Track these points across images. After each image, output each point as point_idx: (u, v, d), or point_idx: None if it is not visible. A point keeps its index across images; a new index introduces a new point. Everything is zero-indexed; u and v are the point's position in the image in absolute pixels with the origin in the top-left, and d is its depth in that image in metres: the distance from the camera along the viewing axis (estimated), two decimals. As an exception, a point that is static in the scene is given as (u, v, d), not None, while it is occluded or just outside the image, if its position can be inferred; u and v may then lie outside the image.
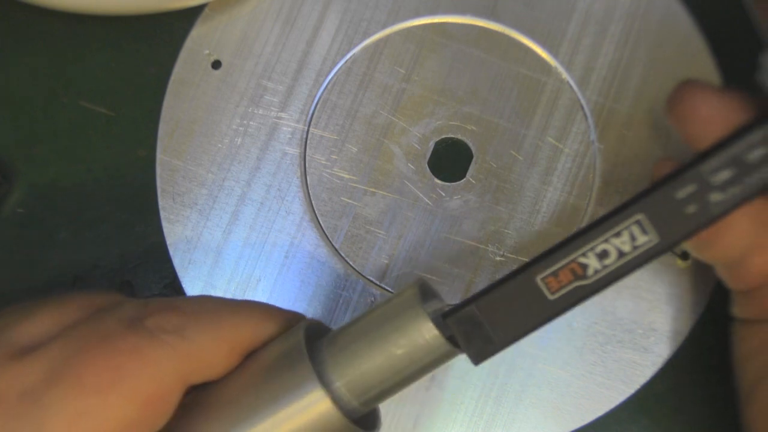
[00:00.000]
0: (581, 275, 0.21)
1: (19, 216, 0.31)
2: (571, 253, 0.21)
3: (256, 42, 0.32)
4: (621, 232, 0.21)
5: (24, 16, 0.32)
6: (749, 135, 0.20)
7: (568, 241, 0.21)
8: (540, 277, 0.21)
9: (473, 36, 0.32)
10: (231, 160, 0.31)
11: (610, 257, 0.21)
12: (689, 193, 0.21)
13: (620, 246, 0.21)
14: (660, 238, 0.21)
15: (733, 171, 0.20)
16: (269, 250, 0.30)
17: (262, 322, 0.24)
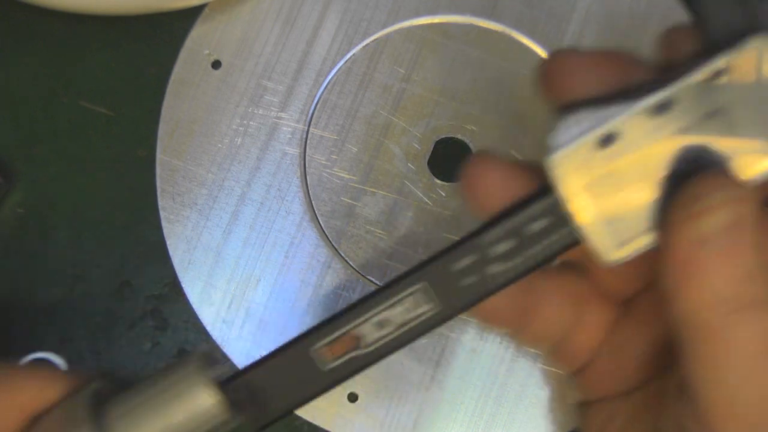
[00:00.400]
0: (357, 346, 0.21)
1: (19, 216, 0.31)
2: (347, 324, 0.21)
3: (256, 42, 0.32)
4: (401, 302, 0.21)
5: (24, 16, 0.32)
6: (529, 208, 0.20)
7: (347, 310, 0.21)
8: (314, 348, 0.21)
9: (473, 36, 0.32)
10: (231, 160, 0.31)
11: (389, 326, 0.21)
12: (468, 264, 0.20)
13: (399, 315, 0.21)
14: (440, 308, 0.21)
15: (513, 243, 0.20)
16: (269, 250, 0.30)
17: (44, 385, 0.23)
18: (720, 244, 0.19)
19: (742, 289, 0.19)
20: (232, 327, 0.30)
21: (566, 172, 0.19)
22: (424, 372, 0.29)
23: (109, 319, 0.30)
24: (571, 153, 0.19)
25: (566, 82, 0.21)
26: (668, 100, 0.19)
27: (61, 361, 0.30)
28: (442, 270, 0.21)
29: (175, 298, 0.30)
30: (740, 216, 0.19)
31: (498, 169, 0.21)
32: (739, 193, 0.19)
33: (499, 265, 0.20)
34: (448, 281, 0.21)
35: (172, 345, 0.30)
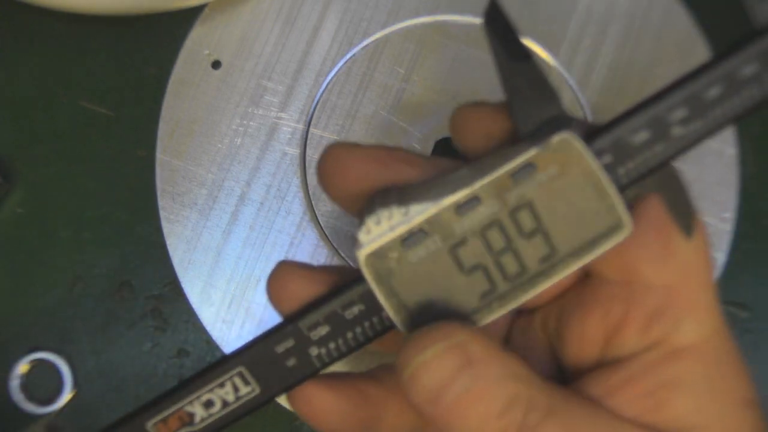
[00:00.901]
0: (189, 422, 0.22)
1: (19, 216, 0.31)
2: (179, 402, 0.21)
3: (256, 42, 0.32)
4: (224, 383, 0.21)
5: (24, 16, 0.32)
6: (346, 293, 0.21)
7: (176, 389, 0.22)
8: (151, 423, 0.22)
9: (473, 36, 0.32)
10: (231, 160, 0.31)
11: (215, 406, 0.22)
12: (288, 347, 0.21)
13: (224, 396, 0.21)
14: (261, 389, 0.21)
15: (332, 326, 0.21)
16: (269, 250, 0.30)
17: None
18: (453, 395, 0.19)
19: (505, 423, 0.19)
20: (232, 327, 0.30)
21: (374, 267, 0.20)
22: (424, 372, 0.29)
23: (109, 319, 0.30)
24: (378, 250, 0.20)
25: (339, 178, 0.21)
26: (472, 197, 0.19)
27: (61, 361, 0.30)
28: (261, 354, 0.21)
29: (175, 298, 0.30)
30: (466, 358, 0.19)
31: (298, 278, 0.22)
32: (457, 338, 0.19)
33: (318, 348, 0.21)
34: (267, 364, 0.21)
35: (172, 345, 0.30)
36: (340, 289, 0.21)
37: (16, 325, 0.30)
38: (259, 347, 0.21)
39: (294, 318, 0.21)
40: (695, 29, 0.31)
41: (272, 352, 0.21)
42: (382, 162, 0.21)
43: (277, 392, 0.22)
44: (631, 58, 0.31)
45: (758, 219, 0.32)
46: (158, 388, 0.30)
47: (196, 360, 0.30)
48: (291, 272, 0.22)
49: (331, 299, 0.21)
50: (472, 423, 0.19)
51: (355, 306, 0.21)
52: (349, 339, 0.21)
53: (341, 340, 0.21)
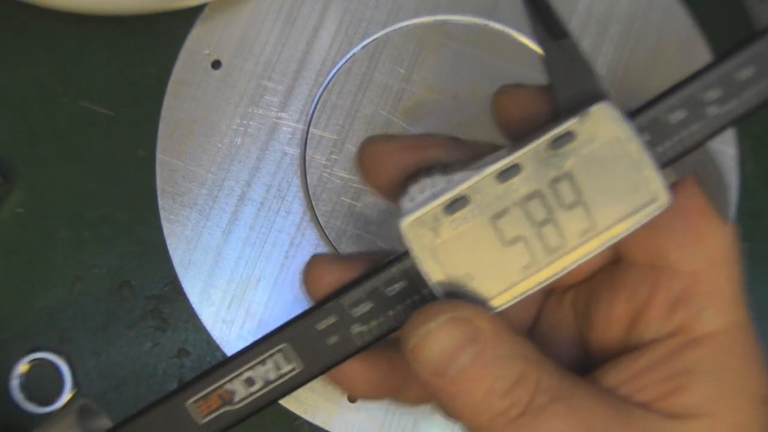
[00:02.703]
0: (228, 401, 0.22)
1: (19, 216, 0.31)
2: (219, 380, 0.21)
3: (256, 42, 0.32)
4: (266, 361, 0.21)
5: (24, 16, 0.32)
6: (388, 269, 0.21)
7: (217, 366, 0.22)
8: (189, 402, 0.22)
9: (473, 36, 0.32)
10: (231, 160, 0.31)
11: (256, 384, 0.21)
12: (330, 324, 0.21)
13: (265, 374, 0.21)
14: (304, 366, 0.21)
15: (374, 304, 0.21)
16: (269, 250, 0.30)
17: None
18: (457, 369, 0.19)
19: (509, 402, 0.19)
20: (232, 327, 0.30)
21: (417, 236, 0.20)
22: (424, 372, 0.29)
23: (109, 319, 0.30)
24: (421, 217, 0.20)
25: (379, 169, 0.22)
26: (513, 165, 0.20)
27: (61, 361, 0.30)
28: (304, 330, 0.21)
29: (175, 298, 0.30)
30: (473, 333, 0.19)
31: (334, 264, 0.22)
32: (462, 312, 0.19)
33: (360, 326, 0.21)
34: (310, 341, 0.21)
35: (172, 345, 0.30)
36: (383, 266, 0.21)
37: (16, 325, 0.30)
38: (301, 324, 0.21)
39: (336, 296, 0.21)
40: (695, 29, 0.31)
41: (314, 329, 0.21)
42: (419, 148, 0.21)
43: (319, 370, 0.21)
44: (631, 58, 0.31)
45: (758, 219, 0.32)
46: (158, 388, 0.30)
47: (196, 360, 0.30)
48: (326, 263, 0.22)
49: (373, 276, 0.21)
50: (476, 399, 0.19)
51: (397, 283, 0.21)
52: (390, 316, 0.21)
53: (383, 318, 0.21)
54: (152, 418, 0.22)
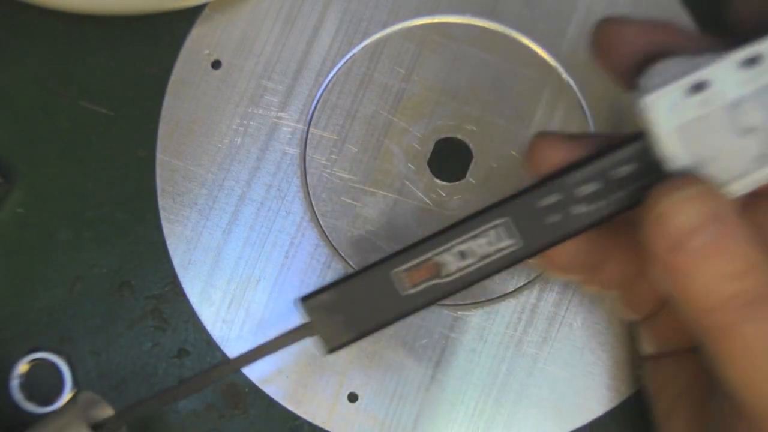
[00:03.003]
0: (438, 274, 0.21)
1: (19, 216, 0.31)
2: (430, 251, 0.21)
3: (256, 42, 0.32)
4: (484, 233, 0.21)
5: (24, 16, 0.32)
6: (618, 151, 0.20)
7: (429, 238, 0.21)
8: (395, 271, 0.21)
9: (473, 36, 0.32)
10: (231, 160, 0.31)
11: (470, 258, 0.21)
12: (553, 203, 0.21)
13: (481, 248, 0.21)
14: (522, 244, 0.21)
15: (599, 185, 0.20)
16: (269, 250, 0.30)
17: None
18: (696, 245, 0.19)
19: (741, 286, 0.19)
20: (232, 327, 0.30)
21: (658, 115, 0.19)
22: (424, 372, 0.29)
23: (109, 319, 0.30)
24: (663, 96, 0.19)
25: (619, 49, 0.21)
26: (758, 54, 0.19)
27: (61, 361, 0.30)
28: (526, 206, 0.21)
29: (175, 298, 0.30)
30: (717, 210, 0.19)
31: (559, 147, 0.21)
32: (708, 187, 0.19)
33: (583, 207, 0.20)
34: (531, 218, 0.21)
35: (172, 345, 0.30)
36: (614, 146, 0.20)
37: (16, 325, 0.30)
38: (524, 199, 0.21)
39: (561, 173, 0.20)
40: (695, 29, 0.31)
41: (536, 205, 0.21)
42: (663, 32, 0.21)
43: (538, 248, 0.21)
44: (631, 58, 0.31)
45: (758, 219, 0.32)
46: (158, 388, 0.30)
47: (196, 360, 0.30)
48: (552, 141, 0.21)
49: (602, 157, 0.20)
50: (707, 279, 0.19)
51: (627, 165, 0.20)
52: (615, 199, 0.20)
53: (607, 200, 0.20)
54: (354, 285, 0.21)
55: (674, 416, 0.25)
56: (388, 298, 0.21)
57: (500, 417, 0.29)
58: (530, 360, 0.29)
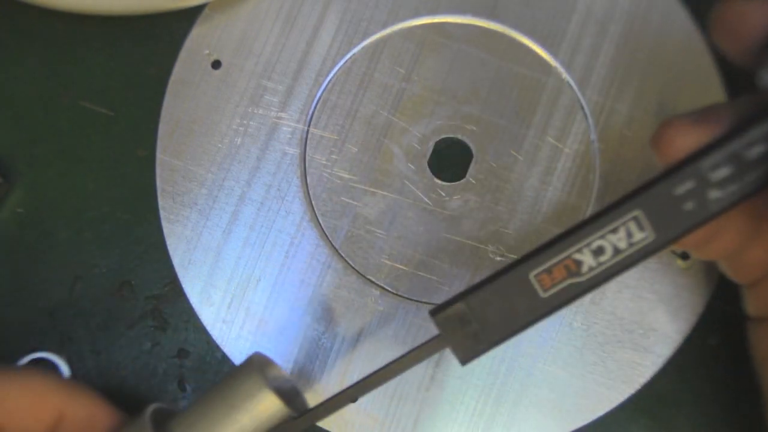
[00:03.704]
0: (575, 272, 0.21)
1: (19, 216, 0.31)
2: (566, 250, 0.20)
3: (256, 42, 0.32)
4: (617, 229, 0.20)
5: (24, 16, 0.32)
6: (750, 131, 0.20)
7: (563, 237, 0.21)
8: (533, 273, 0.21)
9: (473, 36, 0.32)
10: (231, 160, 0.31)
11: (605, 254, 0.20)
12: (688, 190, 0.20)
13: (616, 243, 0.20)
14: (656, 235, 0.20)
15: (733, 168, 0.20)
16: (269, 250, 0.30)
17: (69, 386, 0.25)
18: None
19: None
20: (232, 327, 0.30)
21: None
22: (424, 372, 0.29)
23: (109, 319, 0.30)
24: None
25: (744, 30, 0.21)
26: None
27: (61, 361, 0.30)
28: (661, 196, 0.20)
29: (175, 298, 0.30)
30: None
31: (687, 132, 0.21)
32: None
33: (718, 192, 0.20)
34: (666, 208, 0.20)
35: (172, 345, 0.30)
36: (743, 127, 0.20)
37: (16, 325, 0.30)
38: (657, 189, 0.20)
39: (694, 158, 0.20)
40: (695, 30, 0.31)
41: (670, 195, 0.20)
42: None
43: (672, 238, 0.20)
44: (631, 58, 0.31)
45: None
46: (158, 387, 0.30)
47: (196, 360, 0.30)
48: (680, 126, 0.21)
49: (734, 138, 0.20)
50: None
51: (759, 145, 0.20)
52: (748, 181, 0.20)
53: (741, 183, 0.20)
54: (491, 292, 0.21)
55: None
56: (527, 301, 0.21)
57: (500, 417, 0.29)
58: (530, 360, 0.29)
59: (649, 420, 0.29)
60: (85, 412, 0.25)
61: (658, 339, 0.29)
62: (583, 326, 0.29)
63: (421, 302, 0.30)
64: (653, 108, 0.31)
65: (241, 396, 0.24)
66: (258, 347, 0.30)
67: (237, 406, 0.23)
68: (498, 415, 0.29)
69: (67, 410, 0.25)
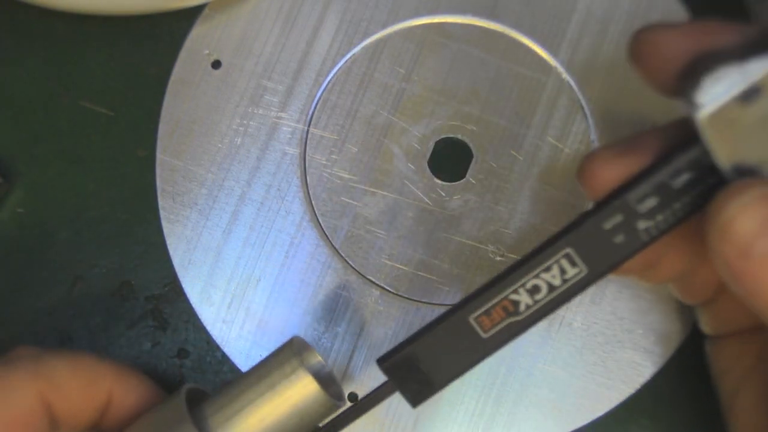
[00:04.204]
0: (513, 312, 0.21)
1: (19, 216, 0.31)
2: (502, 292, 0.21)
3: (256, 42, 0.32)
4: (551, 267, 0.21)
5: (24, 16, 0.32)
6: (675, 162, 0.20)
7: (499, 278, 0.21)
8: (473, 316, 0.21)
9: (473, 36, 0.32)
10: (231, 160, 0.31)
11: (541, 292, 0.21)
12: (616, 224, 0.21)
13: (550, 280, 0.21)
14: (589, 270, 0.21)
15: (660, 198, 0.20)
16: (269, 250, 0.30)
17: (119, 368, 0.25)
18: (764, 248, 0.19)
19: None
20: (232, 327, 0.30)
21: (714, 129, 0.19)
22: (424, 372, 0.29)
23: (109, 319, 0.30)
24: (718, 110, 0.19)
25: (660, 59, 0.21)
26: None
27: (61, 361, 0.30)
28: (590, 232, 0.21)
29: (175, 298, 0.30)
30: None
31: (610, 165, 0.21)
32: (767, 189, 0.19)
33: (646, 221, 0.21)
34: (597, 242, 0.21)
35: (172, 345, 0.30)
36: (668, 157, 0.20)
37: (16, 325, 0.30)
38: (586, 227, 0.21)
39: (622, 192, 0.21)
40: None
41: (599, 229, 0.21)
42: (703, 34, 0.21)
43: (604, 271, 0.21)
44: (631, 58, 0.31)
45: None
46: (158, 388, 0.30)
47: (196, 360, 0.30)
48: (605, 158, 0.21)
49: (659, 169, 0.20)
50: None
51: (684, 174, 0.20)
52: (676, 209, 0.21)
53: (669, 211, 0.21)
54: (434, 338, 0.21)
55: (741, 397, 0.25)
56: (470, 343, 0.22)
57: (500, 417, 0.29)
58: (530, 360, 0.29)
59: (649, 420, 0.29)
60: (134, 396, 0.25)
61: (658, 339, 0.29)
62: (583, 326, 0.29)
63: (421, 302, 0.30)
64: (653, 108, 0.31)
65: (277, 377, 0.23)
66: (258, 347, 0.30)
67: (272, 386, 0.23)
68: (498, 415, 0.29)
69: (117, 393, 0.25)
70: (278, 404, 0.23)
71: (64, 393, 0.24)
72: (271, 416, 0.23)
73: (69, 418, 0.24)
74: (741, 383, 0.25)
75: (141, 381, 0.26)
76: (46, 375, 0.23)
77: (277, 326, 0.30)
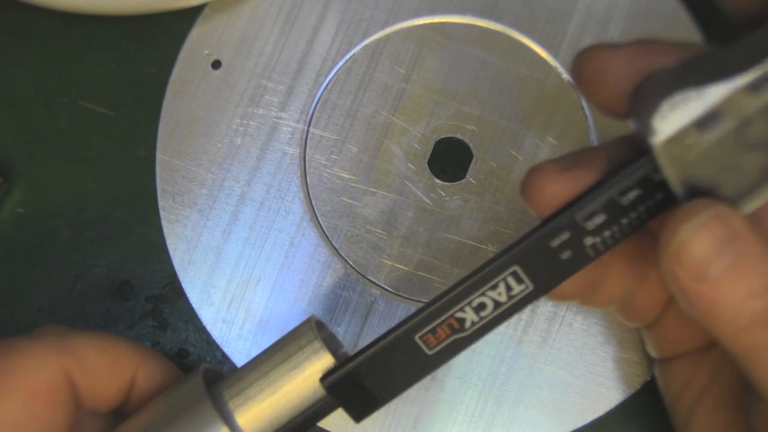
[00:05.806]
0: (459, 329, 0.22)
1: (19, 216, 0.31)
2: (448, 310, 0.21)
3: (256, 42, 0.32)
4: (497, 285, 0.21)
5: (24, 16, 0.32)
6: (623, 179, 0.20)
7: (444, 296, 0.21)
8: (418, 335, 0.22)
9: (473, 36, 0.32)
10: (231, 160, 0.31)
11: (486, 309, 0.21)
12: (563, 241, 0.21)
13: (496, 297, 0.21)
14: (535, 286, 0.21)
15: (608, 214, 0.21)
16: (269, 250, 0.30)
17: (144, 351, 0.25)
18: (718, 270, 0.19)
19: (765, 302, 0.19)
20: (232, 327, 0.30)
21: (670, 154, 0.19)
22: (424, 372, 0.29)
23: (109, 319, 0.30)
24: (675, 136, 0.19)
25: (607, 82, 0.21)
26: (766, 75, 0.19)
27: (61, 361, 0.30)
28: (534, 251, 0.21)
29: (175, 298, 0.30)
30: (730, 231, 0.19)
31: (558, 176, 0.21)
32: (720, 210, 0.19)
33: (593, 238, 0.21)
34: (543, 259, 0.21)
35: (172, 345, 0.30)
36: (616, 175, 0.20)
37: (16, 325, 0.30)
38: (533, 244, 0.21)
39: (569, 209, 0.21)
40: (695, 29, 0.31)
41: (546, 247, 0.21)
42: (643, 56, 0.21)
43: (549, 286, 0.21)
44: (631, 58, 0.31)
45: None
46: (158, 388, 0.30)
47: (197, 360, 0.30)
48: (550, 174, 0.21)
49: (608, 187, 0.20)
50: (736, 301, 0.19)
51: (632, 191, 0.20)
52: (624, 225, 0.21)
53: (616, 228, 0.21)
54: (379, 355, 0.22)
55: (696, 418, 0.25)
56: (414, 360, 0.22)
57: (500, 417, 0.29)
58: (530, 360, 0.29)
59: (649, 420, 0.29)
60: (158, 380, 0.25)
61: (658, 339, 0.29)
62: (583, 326, 0.29)
63: (421, 302, 0.30)
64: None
65: (294, 352, 0.23)
66: (258, 347, 0.30)
67: (289, 361, 0.23)
68: (498, 415, 0.29)
69: (141, 376, 0.24)
70: (296, 381, 0.23)
71: (89, 371, 0.23)
72: (288, 393, 0.23)
73: (93, 397, 0.24)
74: (695, 404, 0.25)
75: (164, 365, 0.25)
76: (71, 351, 0.23)
77: (277, 326, 0.30)
